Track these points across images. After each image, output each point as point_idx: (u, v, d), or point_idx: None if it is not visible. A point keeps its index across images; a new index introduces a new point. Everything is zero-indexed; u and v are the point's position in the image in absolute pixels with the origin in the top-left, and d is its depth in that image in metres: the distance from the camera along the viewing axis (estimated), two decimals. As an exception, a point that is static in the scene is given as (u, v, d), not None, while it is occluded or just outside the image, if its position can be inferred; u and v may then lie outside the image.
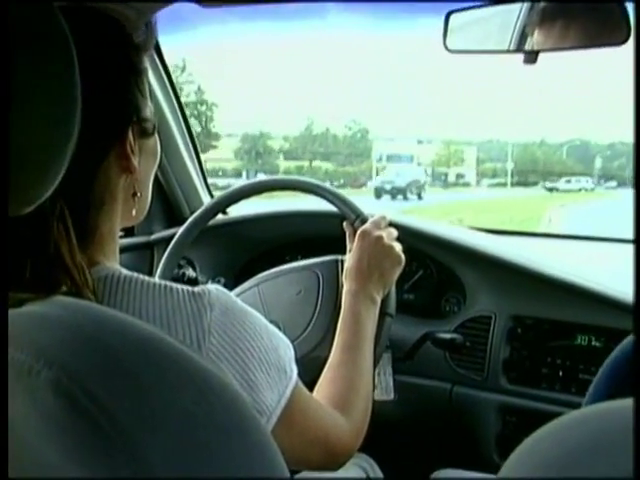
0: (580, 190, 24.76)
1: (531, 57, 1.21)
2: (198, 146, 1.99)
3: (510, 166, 31.44)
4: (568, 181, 26.39)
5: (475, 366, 1.52)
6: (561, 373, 1.44)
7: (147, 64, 0.85)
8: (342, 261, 1.34)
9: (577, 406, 1.34)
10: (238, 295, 1.45)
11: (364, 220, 1.29)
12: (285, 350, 0.85)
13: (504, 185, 29.85)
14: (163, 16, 1.33)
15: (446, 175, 31.45)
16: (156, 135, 0.88)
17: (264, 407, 0.79)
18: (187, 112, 1.95)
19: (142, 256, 1.92)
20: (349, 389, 1.03)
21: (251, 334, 0.78)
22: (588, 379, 1.41)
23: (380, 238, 1.22)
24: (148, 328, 0.54)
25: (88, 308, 0.54)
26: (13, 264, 0.60)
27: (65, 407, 0.45)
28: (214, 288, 0.78)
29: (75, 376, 0.46)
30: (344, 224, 1.32)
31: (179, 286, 0.77)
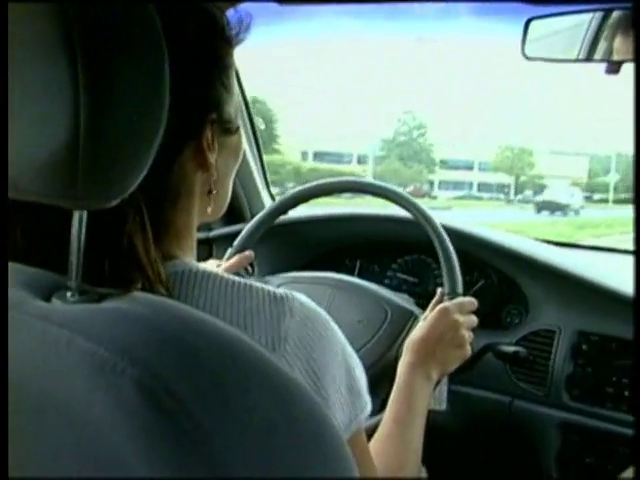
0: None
1: (613, 67, 1.18)
2: (262, 147, 1.99)
3: (613, 179, 27.24)
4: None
5: (537, 380, 1.49)
6: (627, 393, 1.40)
7: (234, 60, 0.82)
8: (416, 317, 1.33)
9: (644, 428, 1.31)
10: (310, 282, 1.45)
11: (455, 296, 1.26)
12: (361, 374, 0.80)
13: (605, 202, 26.04)
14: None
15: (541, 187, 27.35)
16: (240, 133, 0.86)
17: None
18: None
19: (201, 252, 1.93)
20: (397, 465, 1.00)
21: (327, 349, 0.74)
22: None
23: (457, 324, 1.19)
24: (230, 330, 0.53)
25: (171, 307, 0.53)
26: (89, 259, 0.59)
27: (148, 406, 0.45)
28: (299, 295, 0.75)
29: (159, 376, 0.45)
30: (438, 290, 1.29)
31: (260, 286, 0.74)
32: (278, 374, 0.52)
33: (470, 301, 1.26)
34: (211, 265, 1.38)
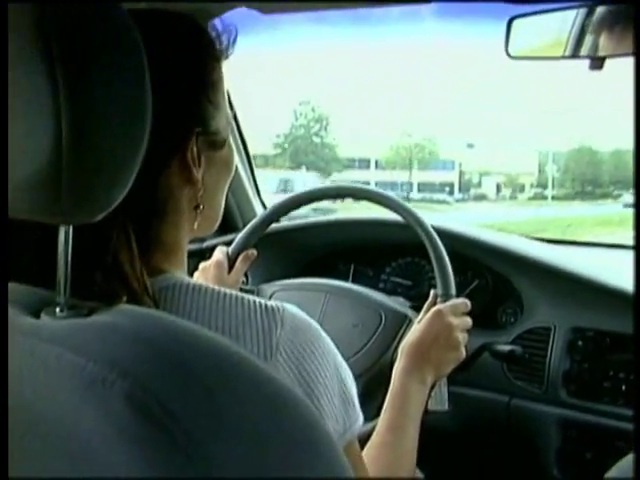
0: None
1: (597, 63, 1.18)
2: (251, 156, 2.00)
3: (552, 172, 25.63)
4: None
5: (534, 378, 1.49)
6: (624, 387, 1.40)
7: (222, 74, 0.82)
8: (411, 321, 1.34)
9: (642, 422, 1.31)
10: (304, 288, 1.45)
11: (448, 298, 1.26)
12: (352, 385, 0.80)
13: (544, 198, 24.39)
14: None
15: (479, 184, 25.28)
16: (230, 147, 0.85)
17: None
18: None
19: (194, 263, 1.93)
20: (392, 471, 1.00)
21: (319, 359, 0.74)
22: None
23: (451, 327, 1.19)
24: (220, 339, 0.53)
25: (160, 318, 0.53)
26: (77, 273, 0.59)
27: (139, 419, 0.45)
28: (290, 306, 0.75)
29: (149, 388, 0.45)
30: (431, 291, 1.28)
31: (251, 297, 0.74)
32: (270, 383, 0.52)
33: (464, 302, 1.25)
34: (218, 253, 1.37)
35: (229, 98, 1.85)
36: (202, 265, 1.35)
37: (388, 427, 1.06)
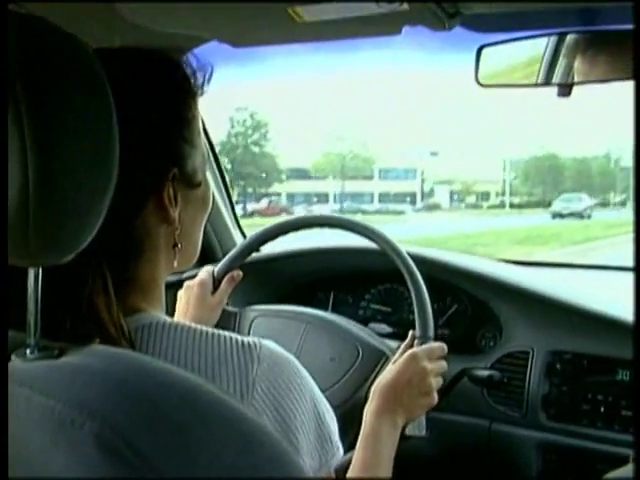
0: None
1: (565, 90, 1.20)
2: (229, 186, 2.01)
3: (508, 180, 25.30)
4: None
5: (514, 402, 1.49)
6: (602, 409, 1.41)
7: (197, 111, 0.81)
8: (387, 358, 1.34)
9: (620, 443, 1.32)
10: (284, 316, 1.47)
11: (426, 340, 1.26)
12: (331, 419, 0.80)
13: (502, 207, 23.96)
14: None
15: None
16: (207, 184, 0.85)
17: None
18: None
19: (173, 295, 1.92)
20: None
21: (296, 395, 0.74)
22: (631, 416, 1.37)
23: (425, 372, 1.17)
24: (193, 379, 0.53)
25: (131, 359, 0.54)
26: (49, 314, 0.59)
27: (108, 460, 0.45)
28: (268, 342, 0.76)
29: (118, 429, 0.46)
30: (409, 332, 1.28)
31: (228, 335, 0.74)
32: (243, 421, 0.53)
33: (440, 347, 1.24)
34: (204, 273, 1.38)
35: (205, 131, 1.87)
36: (186, 284, 1.36)
37: (361, 467, 1.06)
